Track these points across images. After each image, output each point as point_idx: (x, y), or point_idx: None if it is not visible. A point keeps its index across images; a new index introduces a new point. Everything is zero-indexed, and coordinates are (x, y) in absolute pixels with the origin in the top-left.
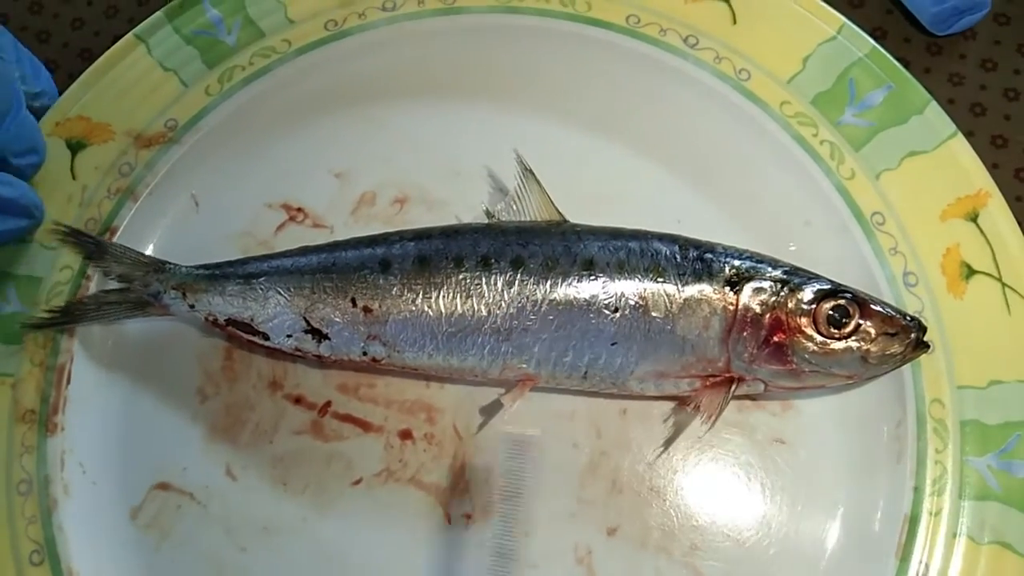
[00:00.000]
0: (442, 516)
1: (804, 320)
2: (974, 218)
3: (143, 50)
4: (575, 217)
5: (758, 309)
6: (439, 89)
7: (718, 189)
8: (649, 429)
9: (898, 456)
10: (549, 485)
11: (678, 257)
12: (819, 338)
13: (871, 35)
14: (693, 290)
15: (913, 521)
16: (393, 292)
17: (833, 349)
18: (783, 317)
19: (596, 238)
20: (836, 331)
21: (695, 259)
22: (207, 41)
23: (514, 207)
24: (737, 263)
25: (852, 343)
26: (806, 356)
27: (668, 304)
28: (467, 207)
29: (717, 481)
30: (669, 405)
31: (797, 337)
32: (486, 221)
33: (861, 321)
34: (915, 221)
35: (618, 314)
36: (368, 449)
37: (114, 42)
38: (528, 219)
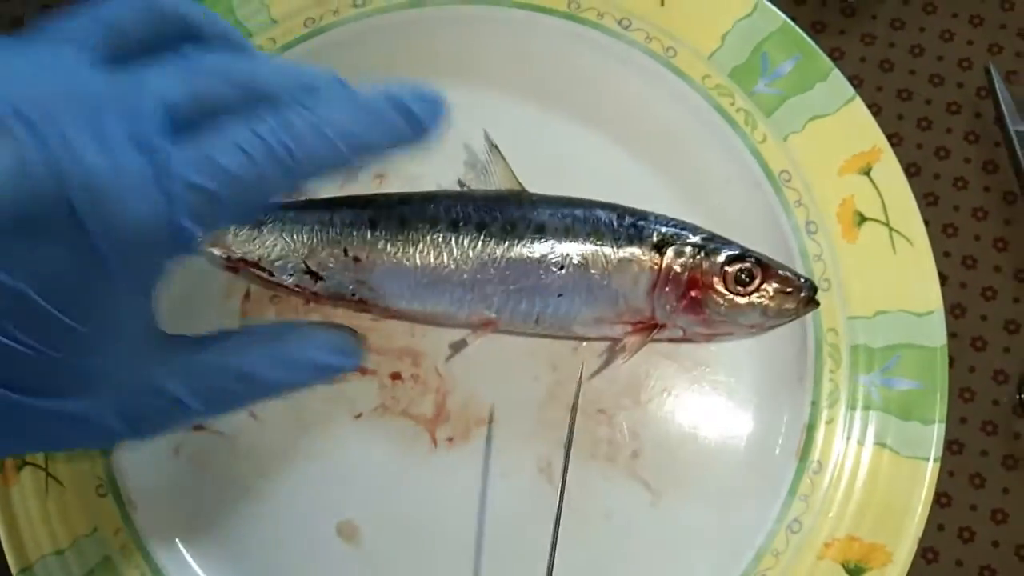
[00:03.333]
0: (429, 440)
1: (716, 279)
2: (867, 172)
3: None
4: (533, 181)
5: (678, 269)
6: (410, 75)
7: (652, 154)
8: (595, 363)
9: (800, 376)
10: (514, 411)
11: (615, 223)
12: (728, 295)
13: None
14: (626, 252)
15: (811, 428)
16: (378, 246)
17: (739, 304)
18: (698, 276)
19: (548, 206)
20: (742, 289)
21: (629, 226)
22: None
23: (482, 178)
24: (664, 230)
25: (755, 299)
26: (717, 309)
27: (605, 263)
28: (441, 181)
29: (653, 401)
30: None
31: (709, 293)
32: (459, 189)
33: (763, 282)
34: (816, 177)
35: (563, 271)
36: (366, 389)
37: None
38: (493, 188)
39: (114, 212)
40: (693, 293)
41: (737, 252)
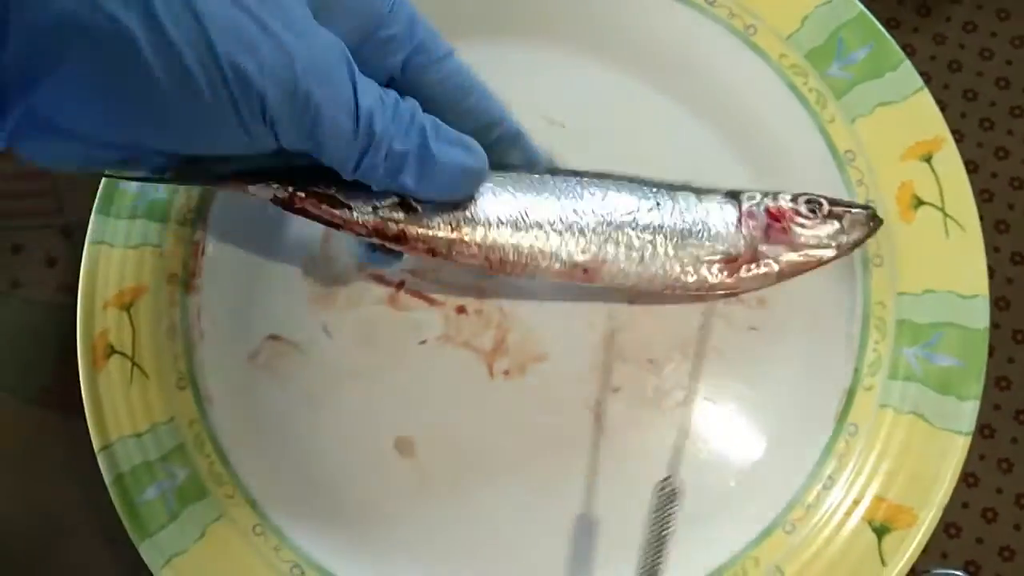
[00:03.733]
0: (487, 371)
1: (790, 210)
2: (928, 159)
3: None
4: (610, 148)
5: (756, 209)
6: (497, 31)
7: (726, 126)
8: (650, 315)
9: (846, 343)
10: (570, 352)
11: (692, 187)
12: (804, 220)
13: None
14: (708, 198)
15: (851, 394)
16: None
17: (817, 223)
18: (775, 210)
19: (632, 181)
20: (814, 214)
21: (698, 188)
22: None
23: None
24: (728, 188)
25: (829, 221)
26: (800, 232)
27: (694, 206)
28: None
29: (701, 357)
30: (668, 303)
31: (789, 220)
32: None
33: (831, 207)
34: (879, 159)
35: (658, 210)
36: (431, 318)
37: None
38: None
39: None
40: (776, 224)
41: (798, 193)
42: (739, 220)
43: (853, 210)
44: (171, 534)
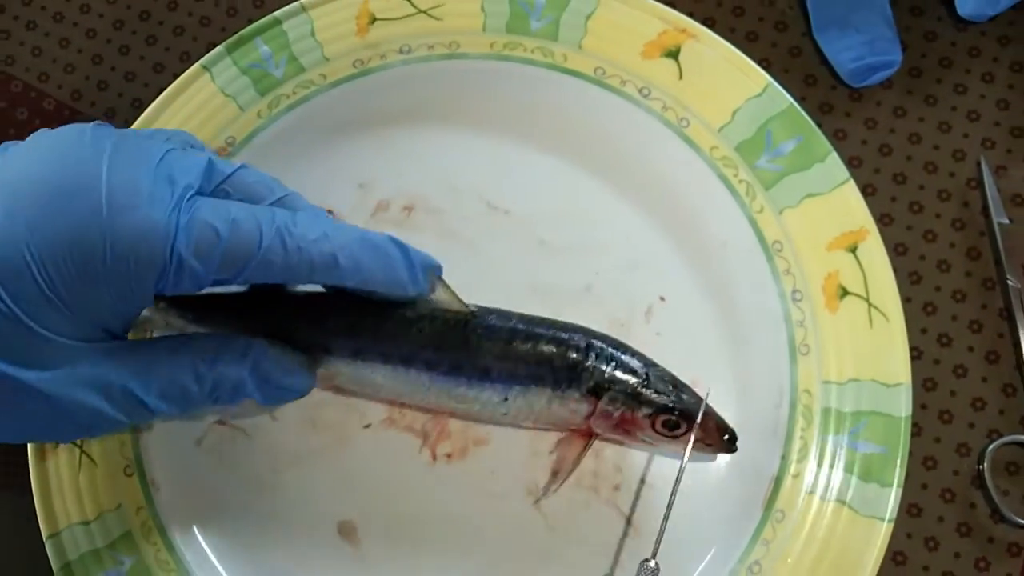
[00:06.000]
0: (429, 455)
1: (644, 424)
2: (853, 250)
3: (207, 78)
4: (547, 228)
5: (611, 410)
6: (443, 118)
7: (658, 213)
8: None
9: (774, 431)
10: (510, 435)
11: (554, 367)
12: (654, 435)
13: (804, 82)
14: (566, 394)
15: (778, 481)
16: (334, 367)
17: (663, 443)
18: (629, 418)
19: (492, 343)
20: (667, 432)
21: (568, 368)
22: (259, 73)
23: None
24: (601, 372)
25: (677, 442)
26: (645, 440)
27: (546, 402)
28: (461, 215)
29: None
30: None
31: (637, 432)
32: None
33: (687, 431)
34: (806, 249)
35: (508, 402)
36: (376, 403)
37: (159, 93)
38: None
39: (133, 219)
40: (624, 427)
41: (666, 404)
42: (589, 415)
43: (708, 441)
44: None
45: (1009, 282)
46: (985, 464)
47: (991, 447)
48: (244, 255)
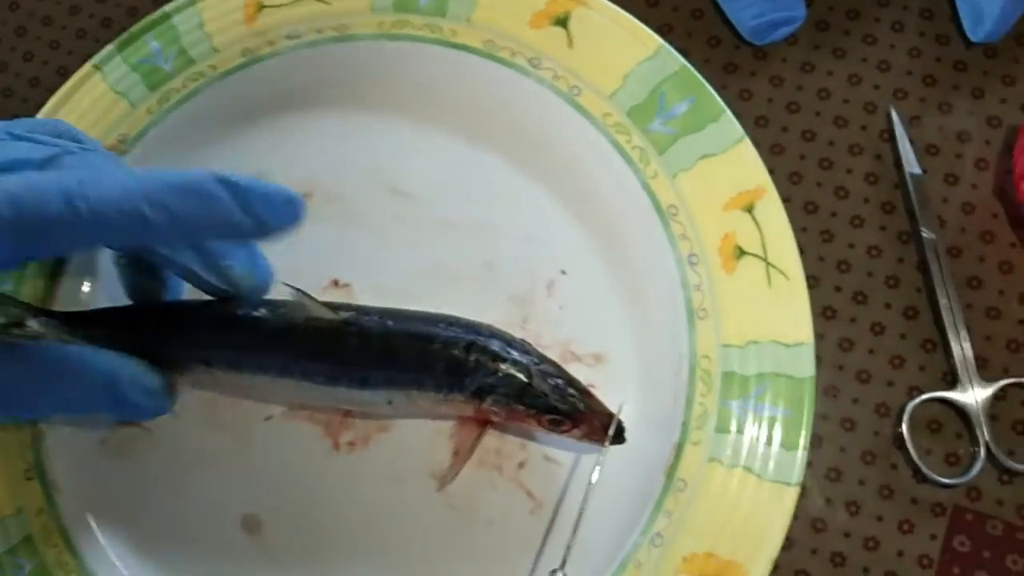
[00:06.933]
0: (331, 444)
1: (531, 421)
2: (750, 209)
3: (99, 77)
4: (445, 204)
5: (496, 410)
6: (337, 102)
7: (553, 183)
8: None
9: (675, 398)
10: (414, 423)
11: (435, 375)
12: (543, 430)
13: (707, 44)
14: (450, 396)
15: (679, 448)
16: (216, 375)
17: (551, 431)
18: (515, 415)
19: (369, 347)
20: (555, 428)
21: (450, 374)
22: (149, 68)
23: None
24: (484, 375)
25: (567, 436)
26: (532, 431)
27: (432, 403)
28: (360, 198)
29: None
30: None
31: (527, 426)
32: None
33: (574, 426)
34: (702, 212)
35: (392, 407)
36: None
37: (83, 61)
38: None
39: None
40: (513, 421)
41: (547, 404)
42: (478, 410)
43: (594, 436)
44: None
45: (923, 234)
46: (905, 423)
47: (911, 405)
48: (32, 229)
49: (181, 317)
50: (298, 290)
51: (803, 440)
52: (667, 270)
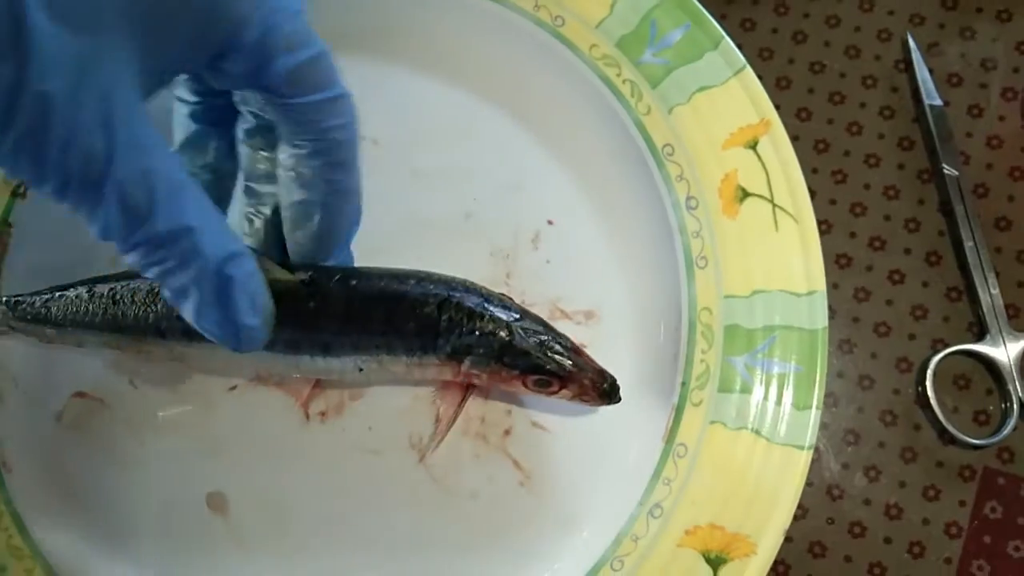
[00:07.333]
0: (302, 415)
1: (517, 383)
2: (753, 146)
3: None
4: (424, 149)
5: (476, 372)
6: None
7: (541, 129)
8: None
9: (673, 355)
10: (389, 388)
11: (404, 338)
12: (530, 391)
13: None
14: (424, 359)
15: (679, 410)
16: (174, 349)
17: (542, 396)
18: (498, 376)
19: (329, 315)
20: (543, 390)
21: (419, 335)
22: None
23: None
24: (460, 335)
25: (556, 396)
26: (522, 398)
27: (405, 367)
28: None
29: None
30: None
31: (512, 387)
32: None
33: (562, 387)
34: (700, 151)
35: (364, 374)
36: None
37: None
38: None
39: None
40: (498, 383)
41: (533, 364)
42: (457, 373)
43: (585, 396)
44: None
45: (945, 171)
46: (929, 380)
47: (935, 360)
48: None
49: (132, 288)
50: (253, 250)
51: (816, 399)
52: (662, 216)
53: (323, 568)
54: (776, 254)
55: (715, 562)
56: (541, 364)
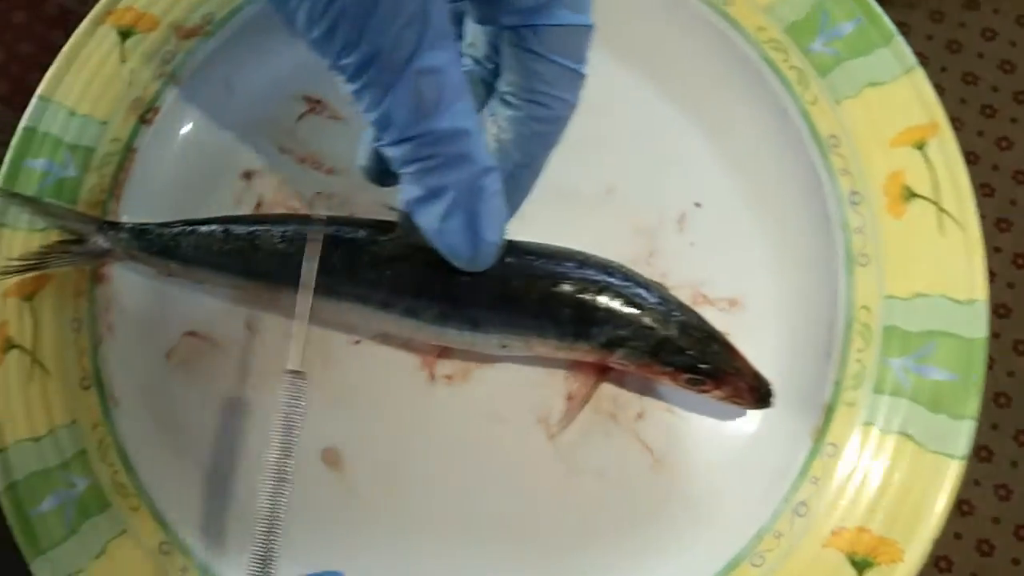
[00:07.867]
0: (427, 376)
1: (666, 378)
2: (921, 147)
3: None
4: (578, 128)
5: (627, 363)
6: None
7: (697, 107)
8: None
9: (827, 353)
10: (519, 359)
11: (561, 317)
12: (679, 387)
13: None
14: (575, 345)
15: (830, 409)
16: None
17: (688, 391)
18: (649, 371)
19: (481, 290)
20: (692, 387)
21: (578, 320)
22: None
23: None
24: (616, 327)
25: (705, 396)
26: (656, 385)
27: (553, 350)
28: None
29: None
30: None
31: (661, 380)
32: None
33: (715, 387)
34: (866, 146)
35: (507, 349)
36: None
37: None
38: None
39: None
40: (644, 374)
41: (688, 363)
42: (603, 359)
43: (737, 398)
44: (67, 551)
45: None
46: None
47: None
48: None
49: (273, 233)
50: (405, 213)
51: (971, 408)
52: (821, 208)
53: (435, 533)
54: (940, 258)
55: (860, 565)
56: (697, 364)
